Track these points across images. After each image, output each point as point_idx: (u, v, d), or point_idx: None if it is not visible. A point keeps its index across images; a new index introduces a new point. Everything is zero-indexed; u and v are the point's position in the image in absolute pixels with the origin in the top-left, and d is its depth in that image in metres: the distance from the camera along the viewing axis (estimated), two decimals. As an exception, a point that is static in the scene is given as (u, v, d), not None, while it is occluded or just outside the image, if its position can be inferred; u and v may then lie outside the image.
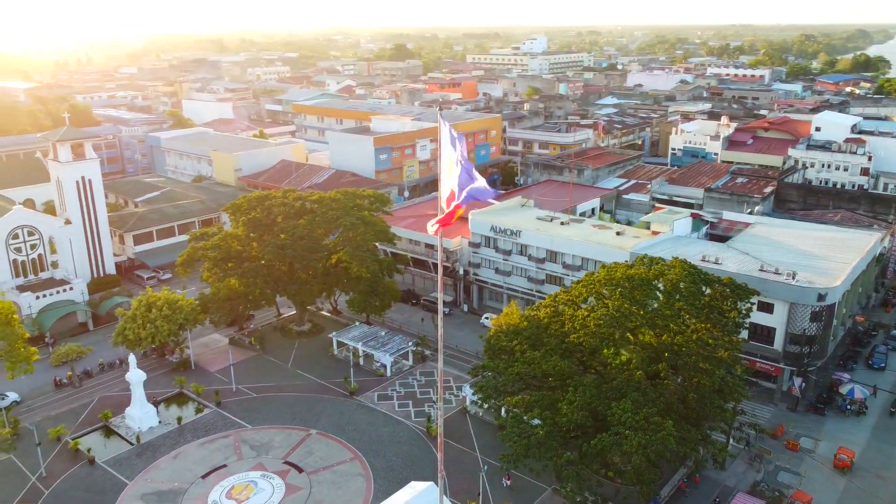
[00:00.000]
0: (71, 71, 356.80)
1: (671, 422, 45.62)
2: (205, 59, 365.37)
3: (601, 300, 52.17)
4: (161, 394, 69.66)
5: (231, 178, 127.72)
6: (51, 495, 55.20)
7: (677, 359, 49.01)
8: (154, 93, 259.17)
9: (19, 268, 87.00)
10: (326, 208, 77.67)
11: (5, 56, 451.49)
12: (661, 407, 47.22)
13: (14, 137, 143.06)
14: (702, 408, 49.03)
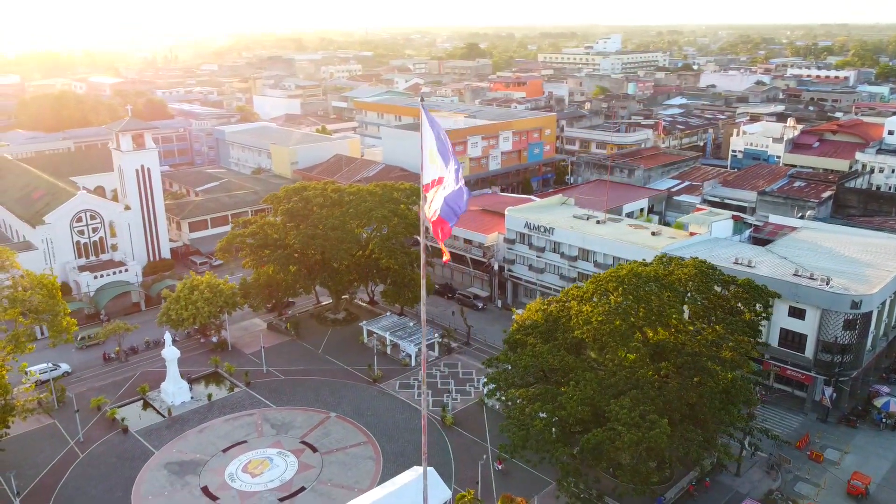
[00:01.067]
0: (157, 68, 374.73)
1: (666, 420, 45.20)
2: (280, 56, 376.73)
3: (605, 296, 51.98)
4: (197, 372, 73.45)
5: (287, 170, 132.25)
6: (86, 458, 59.34)
7: (678, 357, 48.41)
8: (230, 89, 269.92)
9: (82, 249, 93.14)
10: (360, 200, 79.78)
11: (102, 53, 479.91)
12: (659, 405, 46.83)
13: (93, 129, 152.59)
14: (706, 409, 48.24)
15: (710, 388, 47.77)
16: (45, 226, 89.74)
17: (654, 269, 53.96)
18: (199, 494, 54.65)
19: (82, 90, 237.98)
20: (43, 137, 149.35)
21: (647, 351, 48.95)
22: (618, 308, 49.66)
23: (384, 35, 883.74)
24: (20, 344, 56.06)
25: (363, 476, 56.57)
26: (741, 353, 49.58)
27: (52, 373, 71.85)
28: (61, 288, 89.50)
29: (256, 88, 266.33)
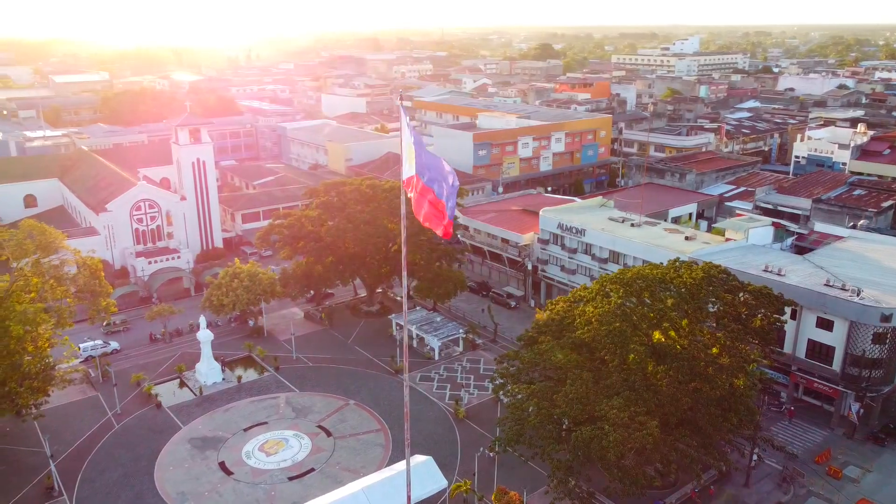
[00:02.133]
0: (239, 66, 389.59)
1: (656, 423, 45.21)
2: (351, 56, 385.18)
3: (607, 297, 52.14)
4: (232, 355, 77.37)
5: (342, 166, 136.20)
6: (120, 429, 63.81)
7: (674, 361, 48.16)
8: (302, 87, 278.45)
9: (140, 236, 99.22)
10: (393, 196, 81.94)
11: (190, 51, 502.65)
12: (652, 408, 46.82)
13: (164, 123, 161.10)
14: (702, 415, 47.87)
15: (706, 394, 47.34)
16: (107, 213, 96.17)
17: (661, 272, 53.67)
18: (215, 468, 57.98)
19: (164, 87, 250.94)
20: (121, 131, 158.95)
21: (644, 353, 48.88)
22: (617, 309, 49.81)
23: (461, 35, 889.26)
24: (63, 320, 60.91)
25: (371, 462, 58.59)
26: (740, 360, 48.77)
27: (102, 349, 77.41)
28: (119, 272, 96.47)
29: (327, 87, 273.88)
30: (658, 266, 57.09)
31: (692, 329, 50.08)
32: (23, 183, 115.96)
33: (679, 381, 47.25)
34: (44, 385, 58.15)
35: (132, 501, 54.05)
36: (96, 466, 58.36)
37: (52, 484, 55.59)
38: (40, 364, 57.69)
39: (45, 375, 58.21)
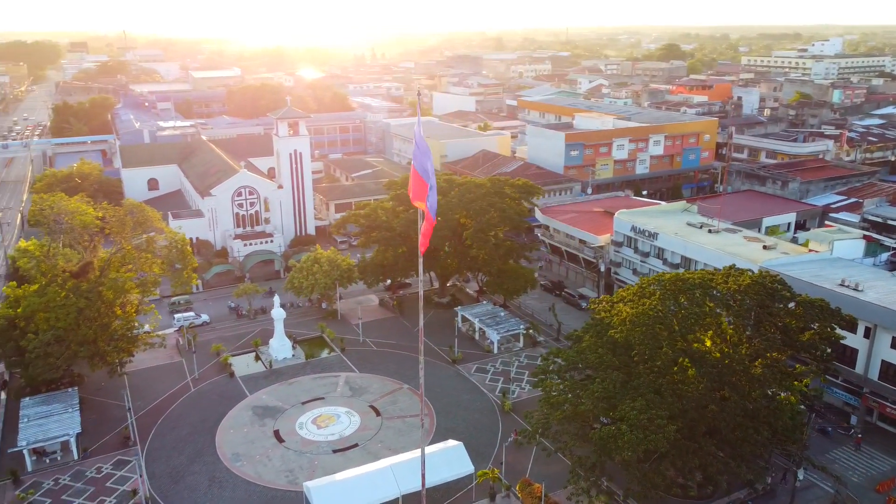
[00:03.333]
0: (361, 64, 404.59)
1: (674, 427, 44.67)
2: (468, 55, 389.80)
3: (645, 298, 51.68)
4: (304, 334, 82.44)
5: (436, 162, 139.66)
6: (195, 392, 70.07)
7: (702, 367, 47.17)
8: (418, 85, 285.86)
9: (239, 220, 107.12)
10: (465, 191, 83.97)
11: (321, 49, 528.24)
12: (674, 412, 46.23)
13: (269, 116, 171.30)
14: (727, 425, 46.64)
15: (734, 404, 46.08)
16: (211, 197, 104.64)
17: (706, 277, 52.47)
18: (270, 435, 62.58)
19: (289, 83, 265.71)
20: (241, 123, 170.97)
21: (674, 356, 48.22)
22: (650, 310, 49.39)
23: (590, 35, 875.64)
24: (147, 289, 67.79)
25: (411, 443, 60.92)
26: (777, 372, 46.95)
27: (194, 321, 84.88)
28: (220, 252, 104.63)
29: (441, 85, 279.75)
30: (708, 271, 55.82)
31: (725, 336, 48.72)
32: (148, 168, 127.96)
33: (705, 388, 46.28)
34: (128, 346, 65.12)
35: (193, 457, 59.52)
36: (168, 423, 64.61)
37: (129, 434, 62.21)
38: (127, 327, 64.57)
39: (130, 338, 65.10)
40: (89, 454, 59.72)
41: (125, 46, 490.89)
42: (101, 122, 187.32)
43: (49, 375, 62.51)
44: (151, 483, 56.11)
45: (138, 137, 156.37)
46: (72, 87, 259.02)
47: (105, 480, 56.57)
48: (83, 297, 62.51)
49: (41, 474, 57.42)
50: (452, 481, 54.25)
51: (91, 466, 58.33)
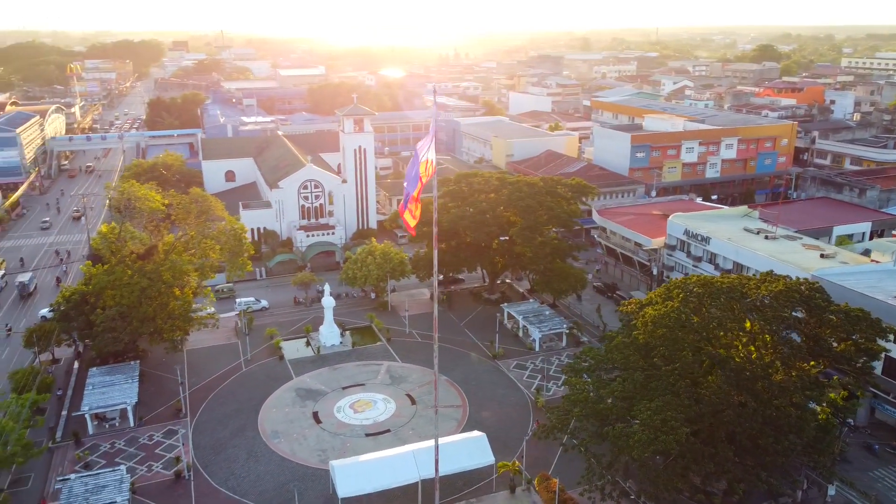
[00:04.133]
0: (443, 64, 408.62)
1: (687, 430, 44.41)
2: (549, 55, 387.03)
3: (669, 301, 51.32)
4: (354, 323, 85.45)
5: (503, 161, 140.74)
6: (245, 372, 74.12)
7: (722, 372, 46.53)
8: (497, 84, 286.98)
9: (304, 212, 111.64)
10: (516, 189, 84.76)
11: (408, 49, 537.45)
12: (690, 415, 45.90)
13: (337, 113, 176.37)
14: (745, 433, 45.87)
15: (752, 410, 45.29)
16: (279, 189, 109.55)
17: (736, 282, 51.60)
18: (309, 416, 65.62)
19: (370, 82, 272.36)
20: (317, 119, 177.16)
21: (694, 360, 47.80)
22: (672, 312, 49.10)
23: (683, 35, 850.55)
24: (205, 272, 72.24)
25: (441, 433, 62.49)
26: (800, 381, 45.74)
27: (254, 305, 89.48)
28: (285, 242, 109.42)
29: (520, 85, 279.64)
30: (745, 277, 54.83)
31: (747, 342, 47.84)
32: (226, 160, 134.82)
33: (723, 392, 45.69)
34: (184, 325, 69.71)
35: (236, 431, 63.24)
36: (218, 399, 68.76)
37: (181, 407, 66.64)
38: (183, 307, 69.16)
39: (186, 317, 69.67)
40: (144, 422, 64.41)
41: (222, 45, 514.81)
42: (191, 117, 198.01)
43: (113, 348, 67.81)
44: (196, 453, 60.09)
45: (222, 131, 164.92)
46: (168, 84, 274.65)
47: (155, 447, 60.99)
48: (146, 277, 67.48)
49: (100, 437, 62.46)
50: (474, 470, 55.45)
51: (144, 434, 62.95)
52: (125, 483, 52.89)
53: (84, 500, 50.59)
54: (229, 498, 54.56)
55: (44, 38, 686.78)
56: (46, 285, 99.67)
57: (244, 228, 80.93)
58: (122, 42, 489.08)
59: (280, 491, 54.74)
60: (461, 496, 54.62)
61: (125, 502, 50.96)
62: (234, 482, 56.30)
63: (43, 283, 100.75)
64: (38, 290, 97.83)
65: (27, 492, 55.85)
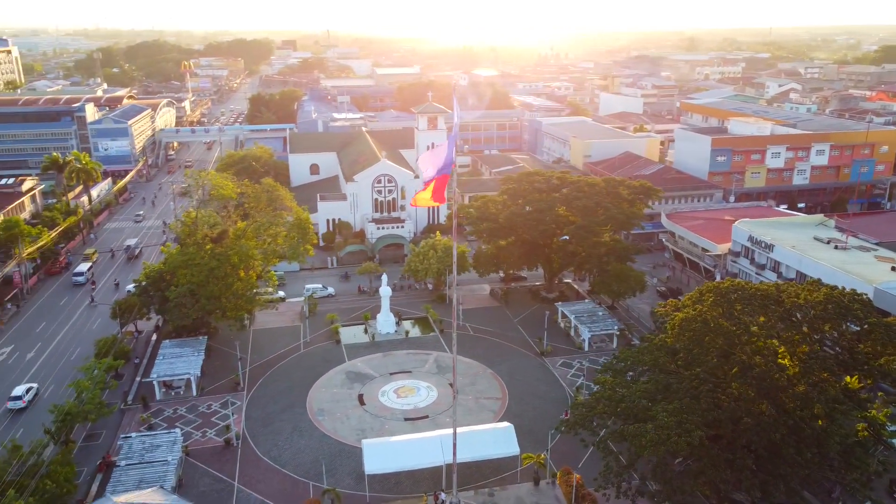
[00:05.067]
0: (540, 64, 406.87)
1: (701, 434, 44.14)
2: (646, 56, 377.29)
3: (696, 305, 50.79)
4: (410, 313, 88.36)
5: (580, 162, 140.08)
6: (303, 353, 78.48)
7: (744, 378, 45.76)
8: (590, 85, 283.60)
9: (377, 205, 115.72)
10: (576, 189, 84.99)
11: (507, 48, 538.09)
12: (708, 419, 45.52)
13: (413, 111, 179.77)
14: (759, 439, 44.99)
15: (770, 419, 44.36)
16: (353, 183, 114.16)
17: (773, 288, 50.45)
18: (354, 398, 68.92)
19: (463, 81, 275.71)
20: (404, 117, 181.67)
21: (719, 365, 47.26)
22: (697, 317, 48.70)
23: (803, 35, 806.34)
24: (269, 258, 77.06)
25: (477, 421, 64.16)
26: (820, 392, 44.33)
27: (321, 292, 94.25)
28: (357, 233, 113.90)
29: (614, 86, 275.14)
30: (788, 283, 53.46)
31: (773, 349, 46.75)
32: (311, 154, 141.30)
33: (742, 400, 45.01)
34: (246, 305, 74.72)
35: (285, 407, 67.37)
36: (273, 376, 73.31)
37: (239, 381, 71.55)
38: (246, 288, 74.16)
39: (249, 298, 74.65)
40: (205, 393, 69.72)
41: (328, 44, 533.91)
42: (288, 112, 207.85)
43: (182, 322, 73.68)
44: (246, 424, 64.60)
45: (313, 126, 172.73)
46: (272, 81, 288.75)
47: (211, 416, 66.00)
48: (215, 258, 72.89)
49: (165, 403, 68.21)
50: (500, 460, 56.77)
51: (204, 403, 68.17)
52: (178, 445, 57.82)
53: (140, 457, 55.78)
54: (269, 466, 58.50)
55: (169, 37, 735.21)
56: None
57: (309, 219, 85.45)
58: (236, 41, 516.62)
59: (315, 464, 58.14)
60: (486, 483, 56.12)
61: (175, 462, 55.77)
62: (276, 453, 60.27)
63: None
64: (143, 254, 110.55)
65: (97, 446, 61.97)
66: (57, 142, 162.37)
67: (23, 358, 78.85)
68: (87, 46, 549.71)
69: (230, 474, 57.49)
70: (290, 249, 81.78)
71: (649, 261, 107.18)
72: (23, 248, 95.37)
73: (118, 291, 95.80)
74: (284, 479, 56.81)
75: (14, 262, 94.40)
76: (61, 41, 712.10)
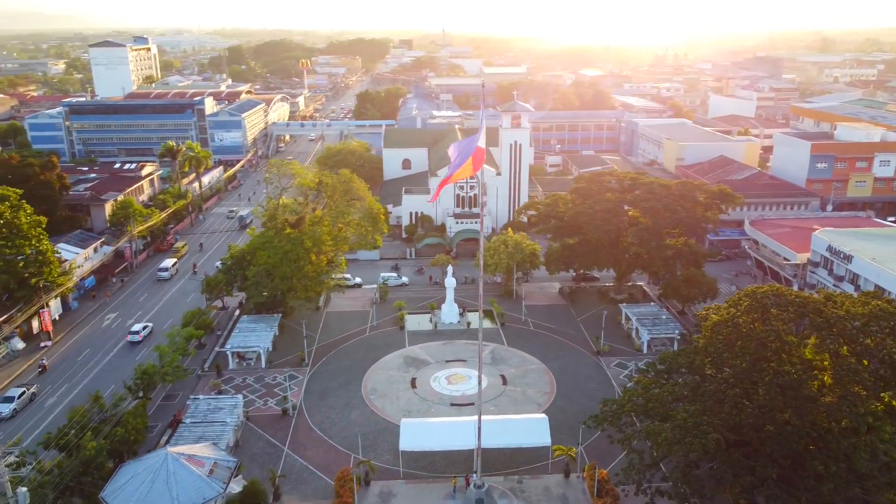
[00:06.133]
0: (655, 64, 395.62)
1: (716, 436, 43.85)
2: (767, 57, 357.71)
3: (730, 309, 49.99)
4: (473, 305, 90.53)
5: (672, 165, 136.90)
6: (368, 336, 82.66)
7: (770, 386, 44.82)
8: (704, 87, 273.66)
9: (459, 200, 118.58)
10: (647, 191, 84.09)
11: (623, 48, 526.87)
12: (730, 424, 45.07)
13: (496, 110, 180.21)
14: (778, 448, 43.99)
15: (793, 428, 43.28)
16: (436, 178, 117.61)
17: (814, 297, 48.91)
18: (407, 381, 72.10)
19: (569, 81, 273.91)
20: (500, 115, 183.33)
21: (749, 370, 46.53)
22: (728, 321, 48.10)
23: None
24: (339, 245, 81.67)
25: (521, 412, 65.67)
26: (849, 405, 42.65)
27: (395, 280, 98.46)
28: (439, 227, 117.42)
29: (728, 88, 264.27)
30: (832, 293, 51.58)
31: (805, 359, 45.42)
32: (404, 149, 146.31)
33: (766, 407, 44.19)
34: (315, 287, 79.67)
35: (342, 384, 71.56)
36: (337, 355, 77.83)
37: (304, 357, 76.53)
38: (316, 271, 79.08)
39: (318, 280, 79.56)
40: (273, 366, 75.18)
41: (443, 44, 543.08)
42: (392, 109, 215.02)
43: (259, 299, 79.67)
44: (304, 396, 69.27)
45: (412, 123, 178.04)
46: (382, 79, 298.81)
47: (275, 387, 71.19)
48: (290, 241, 78.26)
49: (236, 372, 74.18)
50: (535, 452, 57.98)
51: (270, 375, 73.59)
52: (238, 409, 63.16)
53: (203, 417, 61.50)
54: (318, 437, 62.70)
55: (297, 36, 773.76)
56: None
57: (382, 210, 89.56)
58: (356, 40, 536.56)
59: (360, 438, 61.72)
60: (518, 471, 57.61)
61: (234, 423, 61.07)
62: (326, 425, 64.43)
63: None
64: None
65: (173, 405, 68.54)
66: (179, 132, 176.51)
67: (124, 324, 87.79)
68: (222, 45, 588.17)
69: (282, 440, 62.16)
70: (360, 238, 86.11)
71: (732, 268, 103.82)
72: (134, 226, 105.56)
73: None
74: (329, 449, 60.77)
75: (125, 238, 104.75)
76: (201, 39, 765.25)
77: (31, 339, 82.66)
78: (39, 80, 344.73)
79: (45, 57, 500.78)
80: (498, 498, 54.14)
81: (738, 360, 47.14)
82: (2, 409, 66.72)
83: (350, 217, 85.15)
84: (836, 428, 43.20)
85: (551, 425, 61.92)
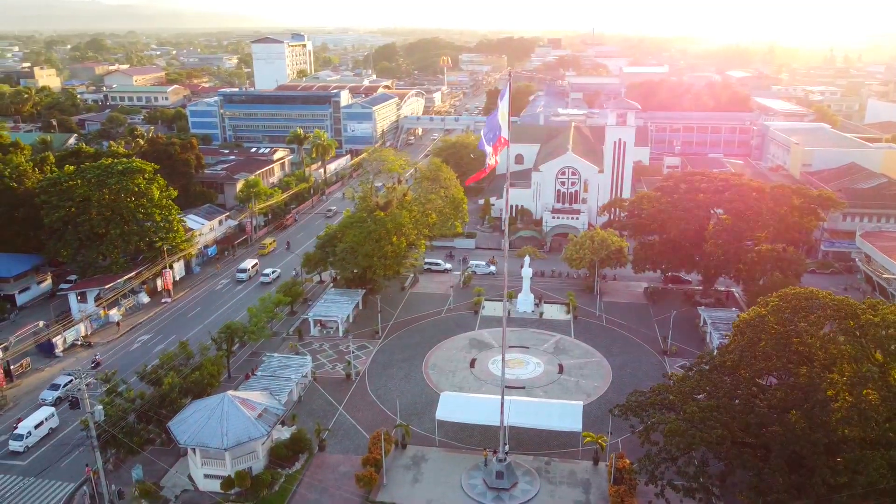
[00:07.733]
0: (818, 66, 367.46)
1: (721, 432, 43.53)
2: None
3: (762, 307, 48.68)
4: (552, 297, 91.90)
5: (797, 170, 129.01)
6: (443, 317, 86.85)
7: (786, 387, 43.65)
8: (867, 91, 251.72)
9: (560, 196, 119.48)
10: (736, 193, 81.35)
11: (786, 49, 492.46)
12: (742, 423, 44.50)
13: (598, 109, 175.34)
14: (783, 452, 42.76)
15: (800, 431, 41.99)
16: (538, 172, 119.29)
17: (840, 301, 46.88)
18: (466, 361, 75.32)
19: (716, 81, 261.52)
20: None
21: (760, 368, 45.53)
22: (752, 321, 47.15)
23: None
24: (420, 228, 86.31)
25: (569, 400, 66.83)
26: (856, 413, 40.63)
27: (483, 269, 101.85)
28: (537, 221, 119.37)
29: (894, 93, 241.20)
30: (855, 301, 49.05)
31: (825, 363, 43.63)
32: (516, 144, 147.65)
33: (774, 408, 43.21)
34: (394, 266, 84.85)
35: (407, 358, 76.12)
36: (409, 332, 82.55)
37: (378, 331, 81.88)
38: (395, 252, 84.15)
39: (397, 260, 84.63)
40: (348, 335, 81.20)
41: (590, 43, 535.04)
42: (520, 106, 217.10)
43: (345, 274, 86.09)
44: (370, 365, 74.55)
45: (535, 119, 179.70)
46: (520, 77, 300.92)
47: (345, 353, 77.04)
48: (374, 222, 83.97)
49: (315, 339, 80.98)
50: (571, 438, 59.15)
51: (344, 343, 79.52)
52: (304, 368, 69.55)
53: (272, 372, 68.39)
54: (371, 401, 67.65)
55: (453, 35, 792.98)
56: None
57: (464, 199, 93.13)
58: (504, 39, 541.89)
59: (409, 406, 65.79)
60: (550, 453, 59.20)
61: (298, 378, 67.50)
62: (382, 392, 69.23)
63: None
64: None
65: (256, 360, 76.22)
66: (316, 122, 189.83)
67: (233, 288, 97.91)
68: (381, 42, 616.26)
69: (339, 400, 67.76)
70: (440, 223, 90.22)
71: (842, 282, 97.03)
72: (255, 204, 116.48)
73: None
74: (378, 413, 65.45)
75: (246, 214, 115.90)
76: (363, 38, 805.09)
77: (155, 295, 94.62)
78: (213, 72, 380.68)
79: (223, 52, 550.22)
80: (521, 475, 56.15)
81: (758, 360, 46.19)
82: (45, 396, 67.66)
83: (435, 202, 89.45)
84: (848, 436, 41.45)
85: (595, 415, 63.17)
